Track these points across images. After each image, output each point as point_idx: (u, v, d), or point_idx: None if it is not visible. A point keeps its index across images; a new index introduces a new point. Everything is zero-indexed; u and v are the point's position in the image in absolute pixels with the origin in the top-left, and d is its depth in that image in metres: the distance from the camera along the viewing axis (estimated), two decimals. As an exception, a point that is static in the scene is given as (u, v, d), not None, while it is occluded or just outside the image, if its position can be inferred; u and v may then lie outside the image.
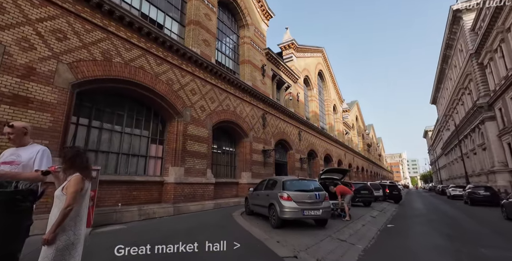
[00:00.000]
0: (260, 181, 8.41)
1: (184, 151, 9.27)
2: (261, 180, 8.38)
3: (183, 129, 9.37)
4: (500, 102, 24.64)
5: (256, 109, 14.28)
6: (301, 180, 6.93)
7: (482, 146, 30.22)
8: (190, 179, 9.27)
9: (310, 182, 6.96)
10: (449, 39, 35.19)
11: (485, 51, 25.97)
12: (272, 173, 14.86)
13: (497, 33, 23.16)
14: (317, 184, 6.93)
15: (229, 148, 12.90)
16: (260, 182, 8.36)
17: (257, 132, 14.02)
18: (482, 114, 27.54)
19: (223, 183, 11.66)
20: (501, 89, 23.47)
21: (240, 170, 12.89)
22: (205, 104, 10.61)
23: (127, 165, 8.08)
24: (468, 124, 32.35)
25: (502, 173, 25.14)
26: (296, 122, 19.09)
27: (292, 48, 20.78)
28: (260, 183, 8.36)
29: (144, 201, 8.13)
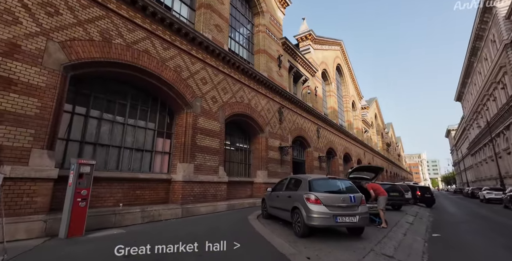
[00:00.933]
0: (280, 181, 7.32)
1: (194, 146, 8.33)
2: (281, 179, 7.28)
3: (193, 122, 8.43)
4: (542, 95, 22.13)
5: (272, 103, 13.18)
6: (331, 179, 5.76)
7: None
8: (201, 177, 8.32)
9: (342, 182, 5.77)
10: (479, 29, 32.50)
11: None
12: (289, 172, 13.71)
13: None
14: (350, 184, 5.74)
15: (243, 144, 11.88)
16: (280, 181, 7.27)
17: (273, 128, 12.92)
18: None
19: (237, 182, 10.66)
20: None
21: (255, 168, 11.85)
22: (217, 95, 9.64)
23: (130, 161, 7.22)
24: (501, 121, 29.67)
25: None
26: (314, 118, 17.82)
27: (309, 39, 19.49)
28: (279, 182, 7.27)
29: (148, 202, 7.25)
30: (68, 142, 6.02)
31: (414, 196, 15.04)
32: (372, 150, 34.23)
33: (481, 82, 37.67)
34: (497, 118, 30.99)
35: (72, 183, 4.94)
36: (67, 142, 5.99)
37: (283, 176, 12.74)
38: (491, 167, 40.27)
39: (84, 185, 5.06)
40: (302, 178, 5.88)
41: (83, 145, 6.27)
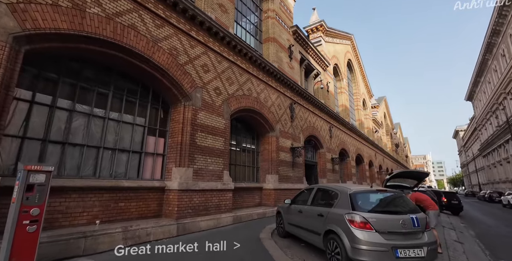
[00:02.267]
0: (302, 191, 5.79)
1: (193, 147, 6.83)
2: (304, 189, 5.76)
3: (192, 117, 6.92)
4: None
5: (283, 97, 11.65)
6: (380, 192, 4.19)
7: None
8: (201, 185, 6.81)
9: (395, 196, 4.20)
10: (497, 23, 30.74)
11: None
12: (302, 175, 12.16)
13: None
14: (406, 199, 4.18)
15: (250, 145, 10.36)
16: (302, 191, 5.75)
17: (284, 126, 11.39)
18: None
19: (243, 189, 9.14)
20: None
21: (264, 172, 10.32)
22: (221, 86, 8.13)
23: (112, 165, 5.73)
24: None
25: None
26: (326, 116, 16.26)
27: (320, 30, 17.96)
28: (301, 193, 5.75)
29: (135, 216, 5.75)
30: (25, 140, 4.53)
31: (440, 203, 13.41)
32: (382, 151, 32.55)
33: (497, 80, 35.81)
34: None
35: (17, 199, 3.44)
36: (22, 140, 4.50)
37: (295, 181, 11.20)
38: (506, 169, 38.36)
39: (35, 201, 3.56)
40: (337, 190, 4.34)
41: (46, 144, 4.78)
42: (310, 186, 5.56)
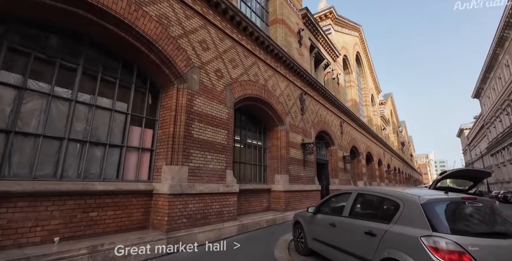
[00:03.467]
0: (332, 196, 4.41)
1: (188, 140, 5.47)
2: (335, 194, 4.38)
3: (188, 103, 5.56)
4: None
5: (292, 87, 10.29)
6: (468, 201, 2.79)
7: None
8: (199, 187, 5.45)
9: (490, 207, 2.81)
10: (510, 15, 29.30)
11: None
12: (313, 175, 10.81)
13: None
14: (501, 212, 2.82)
15: (256, 140, 8.99)
16: (332, 197, 4.38)
17: (294, 119, 10.03)
18: None
19: (249, 192, 7.78)
20: None
21: (272, 171, 8.96)
22: (223, 68, 6.78)
23: (81, 162, 4.37)
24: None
25: None
26: (337, 110, 14.89)
27: (330, 18, 16.58)
28: (330, 199, 4.40)
29: (112, 229, 4.40)
30: None
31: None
32: (390, 150, 31.16)
33: (509, 76, 34.39)
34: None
35: None
36: None
37: (306, 181, 9.84)
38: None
39: None
40: (398, 198, 2.95)
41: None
42: (344, 190, 4.19)
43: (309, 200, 9.97)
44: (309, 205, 10.00)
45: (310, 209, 4.42)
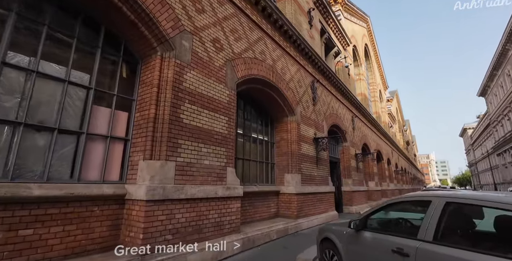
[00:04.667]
0: (390, 204, 2.94)
1: (176, 126, 4.04)
2: (396, 201, 2.91)
3: (175, 77, 4.13)
4: None
5: (303, 72, 8.88)
6: None
7: None
8: (190, 190, 4.02)
9: None
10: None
11: None
12: (327, 175, 9.38)
13: None
14: None
15: (262, 134, 7.55)
16: (390, 205, 2.92)
17: (305, 109, 8.60)
18: None
19: (255, 195, 6.35)
20: None
21: (281, 170, 7.53)
22: (223, 39, 5.35)
23: (11, 154, 2.94)
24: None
25: None
26: (349, 104, 13.48)
27: (339, 3, 15.20)
28: (385, 208, 2.96)
29: (60, 254, 2.97)
30: None
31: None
32: (397, 149, 29.78)
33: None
34: None
35: None
36: None
37: (319, 182, 8.43)
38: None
39: None
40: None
41: None
42: (411, 196, 2.77)
43: (323, 204, 8.55)
44: (323, 210, 8.57)
45: (354, 223, 2.98)
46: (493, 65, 41.88)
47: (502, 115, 42.58)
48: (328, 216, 8.61)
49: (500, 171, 50.02)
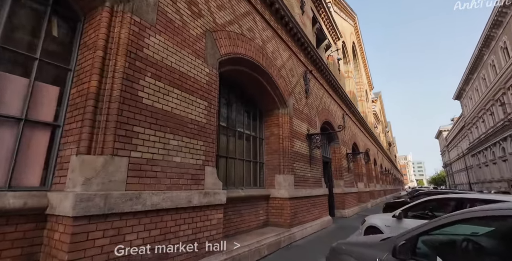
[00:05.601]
0: (481, 217, 1.93)
1: (129, 107, 2.84)
2: (487, 215, 1.90)
3: (131, 38, 2.94)
4: None
5: (295, 60, 7.90)
6: None
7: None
8: (151, 199, 2.82)
9: None
10: (499, 14, 29.09)
11: None
12: (320, 176, 8.43)
13: None
14: None
15: (249, 129, 6.43)
16: (476, 218, 1.90)
17: (298, 101, 7.61)
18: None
19: (240, 200, 5.21)
20: None
21: (272, 170, 6.44)
22: (202, 2, 4.20)
23: None
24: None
25: None
26: (340, 100, 12.72)
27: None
28: (468, 220, 1.92)
29: None
30: None
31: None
32: (382, 150, 29.80)
33: (494, 76, 34.48)
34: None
35: None
36: None
37: (313, 184, 7.46)
38: (501, 168, 37.14)
39: None
40: None
41: None
42: (495, 209, 1.79)
43: (317, 209, 7.57)
44: (317, 216, 7.52)
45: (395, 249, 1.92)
46: (469, 69, 43.61)
47: (477, 117, 44.38)
48: (322, 222, 7.64)
49: (474, 171, 52.22)
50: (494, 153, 38.63)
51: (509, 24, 28.71)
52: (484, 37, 34.18)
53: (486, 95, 38.58)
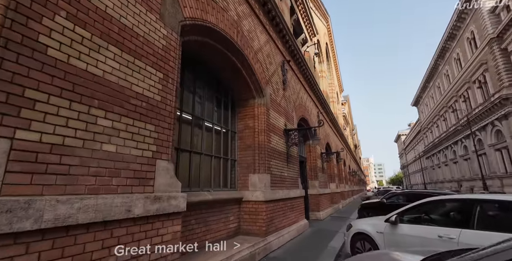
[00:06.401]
0: None
1: (21, 55, 1.72)
2: None
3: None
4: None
5: (273, 47, 7.10)
6: None
7: (495, 146, 26.49)
8: (55, 210, 1.73)
9: None
10: (454, 27, 31.73)
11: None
12: (297, 176, 7.71)
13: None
14: None
15: (218, 120, 5.43)
16: None
17: (276, 92, 6.81)
18: (506, 107, 23.55)
19: (206, 206, 4.19)
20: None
21: (245, 169, 5.51)
22: None
23: None
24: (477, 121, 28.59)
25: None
26: (315, 98, 12.27)
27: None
28: None
29: None
30: None
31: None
32: (350, 151, 30.54)
33: (448, 84, 37.62)
34: (467, 120, 29.58)
35: None
36: None
37: (290, 185, 6.71)
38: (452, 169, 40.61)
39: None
40: None
41: None
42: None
43: (293, 212, 6.80)
44: (294, 220, 6.67)
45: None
46: (426, 78, 47.19)
47: (432, 122, 48.17)
48: (299, 227, 6.89)
49: (428, 172, 56.70)
50: (446, 156, 42.11)
51: (462, 37, 31.38)
52: (440, 48, 37.10)
53: (440, 102, 41.95)
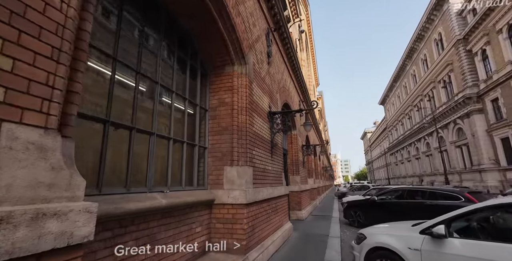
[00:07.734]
0: None
1: None
2: None
3: None
4: (498, 91, 21.80)
5: (258, 10, 5.62)
6: None
7: (456, 143, 28.04)
8: None
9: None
10: (423, 29, 32.90)
11: (482, 34, 23.03)
12: (281, 170, 6.38)
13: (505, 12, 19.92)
14: None
15: (181, 91, 3.84)
16: None
17: (260, 63, 5.36)
18: (468, 106, 24.80)
19: (155, 214, 2.64)
20: (507, 76, 20.40)
21: (219, 159, 4.00)
22: None
23: None
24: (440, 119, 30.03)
25: (492, 172, 22.44)
26: (297, 85, 11.07)
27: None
28: None
29: None
30: None
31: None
32: (323, 147, 30.32)
33: (414, 84, 39.33)
34: (431, 118, 30.94)
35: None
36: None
37: (273, 181, 5.33)
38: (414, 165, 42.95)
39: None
40: None
41: None
42: None
43: (278, 215, 5.47)
44: (278, 224, 4.54)
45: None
46: (393, 78, 49.11)
47: (397, 120, 50.48)
48: (284, 233, 5.59)
49: (391, 168, 59.86)
50: (409, 152, 44.35)
51: (429, 39, 32.62)
52: (408, 49, 38.48)
53: (406, 101, 43.83)
